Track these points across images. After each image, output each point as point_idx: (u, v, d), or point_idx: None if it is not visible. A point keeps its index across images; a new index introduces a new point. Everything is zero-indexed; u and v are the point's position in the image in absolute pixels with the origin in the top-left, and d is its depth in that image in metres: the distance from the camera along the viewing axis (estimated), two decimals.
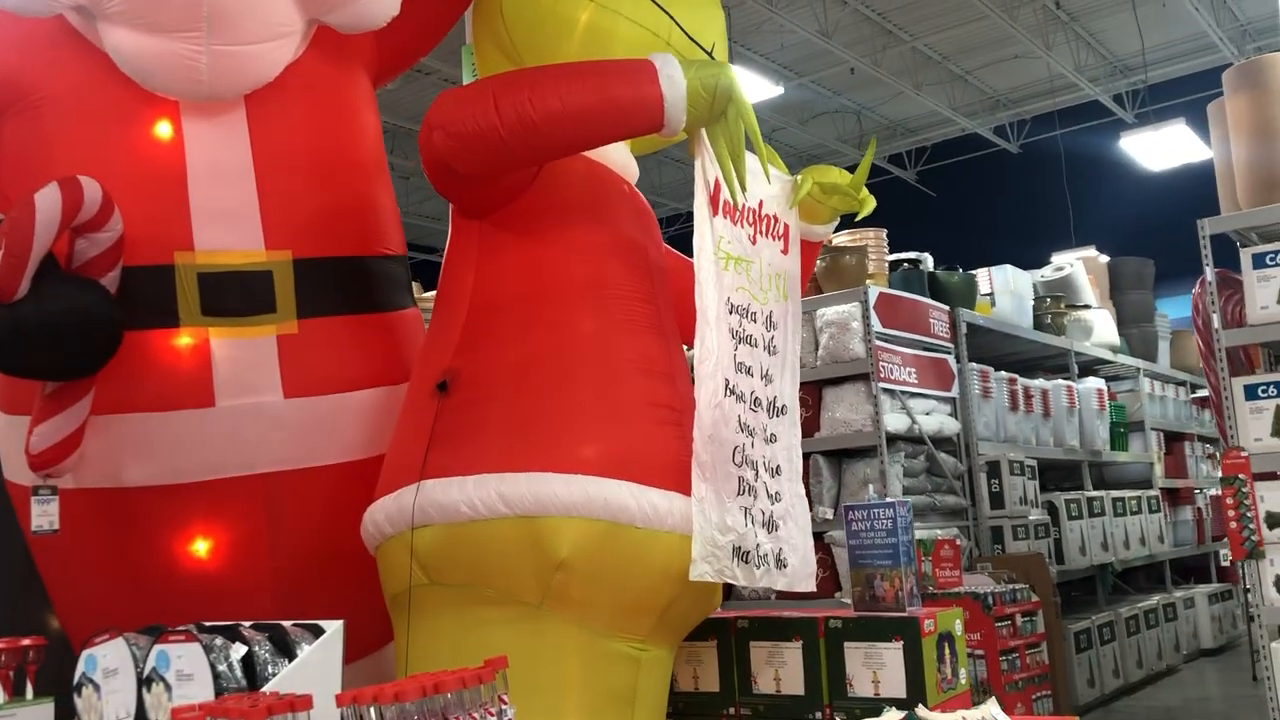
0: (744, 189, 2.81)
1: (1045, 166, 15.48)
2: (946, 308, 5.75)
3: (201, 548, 2.82)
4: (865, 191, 3.18)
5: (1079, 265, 8.32)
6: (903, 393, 5.09)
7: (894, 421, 4.99)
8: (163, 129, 2.77)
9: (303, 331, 2.87)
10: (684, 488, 2.65)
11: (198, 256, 2.76)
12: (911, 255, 6.20)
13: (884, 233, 5.89)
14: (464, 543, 2.55)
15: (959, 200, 16.11)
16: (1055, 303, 7.33)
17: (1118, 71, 14.43)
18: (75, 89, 2.77)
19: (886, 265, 5.88)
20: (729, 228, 2.85)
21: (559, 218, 2.93)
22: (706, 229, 2.77)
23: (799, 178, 3.11)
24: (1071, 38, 13.43)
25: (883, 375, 4.95)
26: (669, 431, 2.72)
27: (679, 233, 14.75)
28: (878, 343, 4.94)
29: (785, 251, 3.08)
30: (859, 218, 3.19)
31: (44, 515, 2.69)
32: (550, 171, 2.92)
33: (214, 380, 2.76)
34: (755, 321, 2.89)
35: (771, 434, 2.87)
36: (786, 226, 3.09)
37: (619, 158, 3.18)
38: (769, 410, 2.88)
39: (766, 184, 2.97)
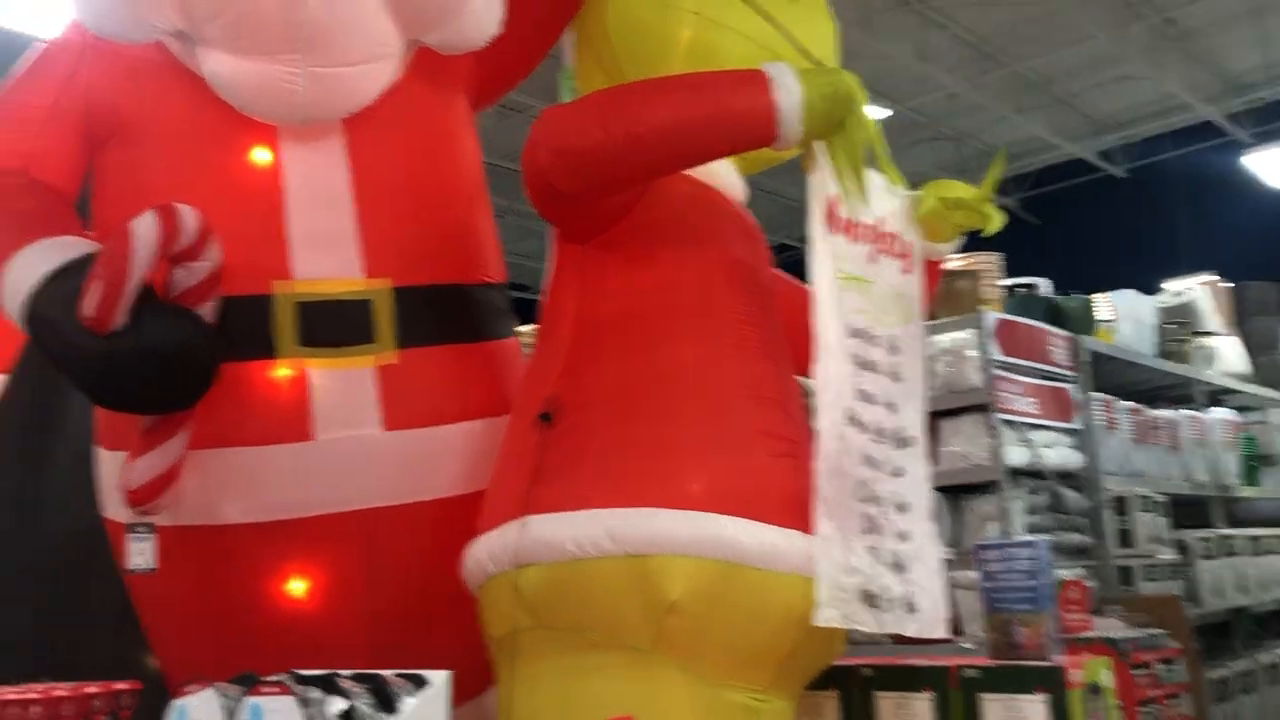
0: (864, 203, 2.64)
1: (1155, 190, 14.92)
2: (1067, 334, 5.46)
3: (297, 587, 2.72)
4: (991, 206, 2.97)
5: (1201, 290, 7.92)
6: (1023, 424, 4.81)
7: (1015, 455, 4.73)
8: (260, 155, 2.71)
9: (402, 362, 2.76)
10: (804, 525, 2.46)
11: (296, 285, 2.68)
12: (1026, 280, 5.93)
13: (997, 256, 5.64)
14: (570, 582, 2.40)
15: (1064, 227, 15.61)
16: (1180, 329, 6.95)
17: (1232, 89, 13.87)
18: (173, 117, 2.73)
19: (1001, 291, 5.62)
20: (847, 246, 2.67)
21: (664, 239, 2.79)
22: (824, 247, 2.60)
23: (920, 193, 2.93)
24: (1182, 56, 12.95)
25: (1002, 406, 4.69)
26: (786, 464, 2.54)
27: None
28: (997, 372, 4.69)
29: (907, 271, 2.89)
30: (985, 234, 2.98)
31: (140, 553, 2.62)
32: (655, 191, 2.78)
33: (312, 413, 2.66)
34: (877, 346, 2.70)
35: (897, 467, 2.67)
36: (908, 245, 2.90)
37: (726, 176, 3.03)
38: (894, 442, 2.68)
39: (886, 199, 2.79)
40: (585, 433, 2.54)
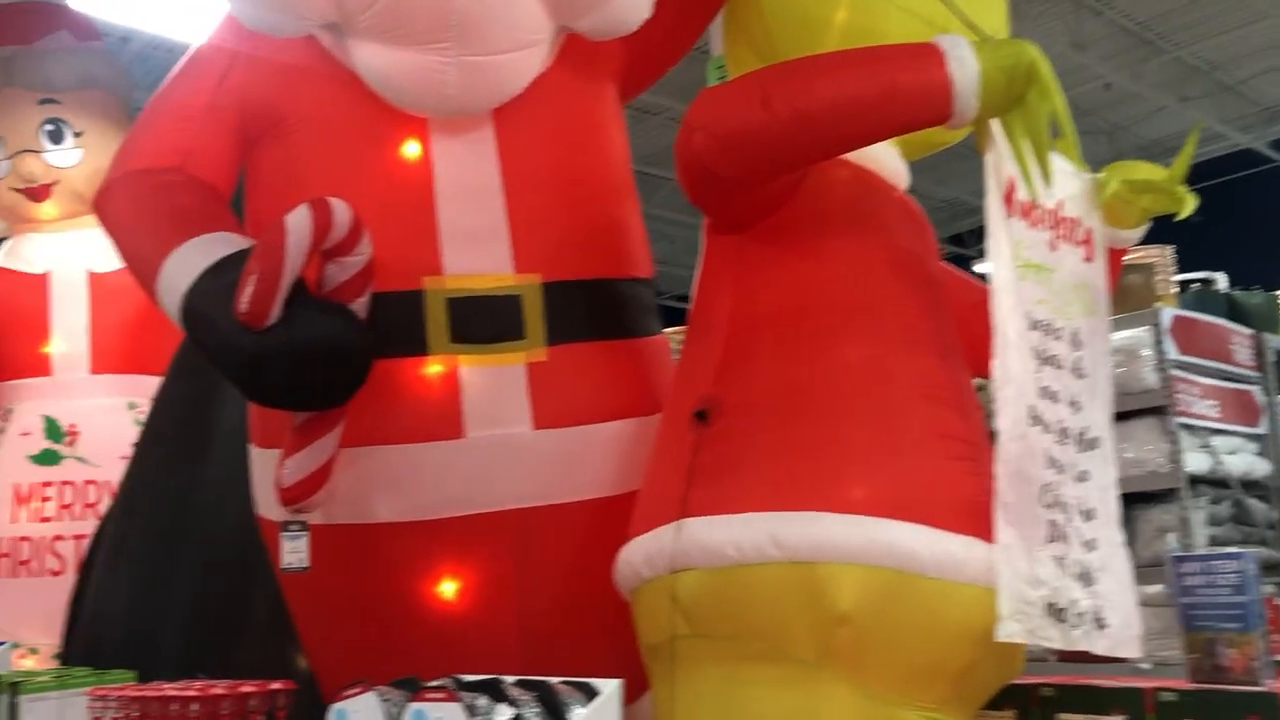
0: (1046, 185, 2.44)
1: None
2: (1250, 332, 5.07)
3: (448, 588, 2.66)
4: (1184, 189, 2.73)
5: None
6: (1203, 428, 4.47)
7: (1194, 461, 4.40)
8: (411, 148, 2.67)
9: (552, 359, 2.69)
10: (984, 533, 2.28)
11: (447, 281, 2.63)
12: (1202, 275, 5.54)
13: (1170, 250, 5.28)
14: (731, 589, 2.27)
15: (1232, 221, 14.70)
16: None
17: None
18: (325, 113, 2.72)
19: (1174, 286, 5.26)
20: (1026, 231, 2.48)
21: (826, 228, 2.64)
22: (1002, 232, 2.41)
23: (1103, 175, 2.70)
24: None
25: (1180, 409, 4.37)
26: (963, 467, 2.36)
27: None
28: (1174, 372, 4.37)
29: (1089, 259, 2.67)
30: (1178, 219, 2.74)
31: (294, 552, 2.60)
32: (814, 178, 2.64)
33: (463, 411, 2.61)
34: (1059, 339, 2.49)
35: (1082, 471, 2.46)
36: (1089, 231, 2.68)
37: (890, 162, 2.86)
38: (1078, 443, 2.47)
39: (1066, 181, 2.58)
40: (745, 433, 2.40)
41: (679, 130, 2.44)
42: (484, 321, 2.63)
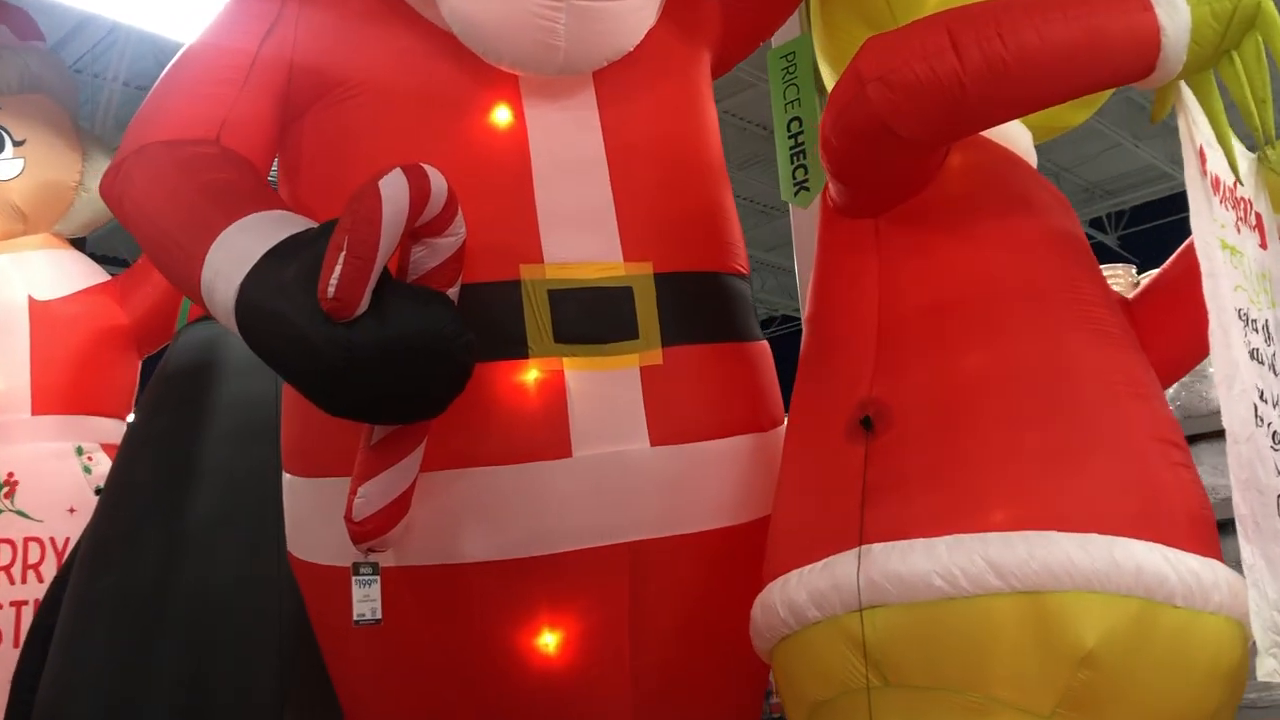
0: (1234, 157, 2.15)
1: None
2: None
3: (549, 641, 2.20)
4: None
5: None
6: None
7: None
8: (500, 115, 2.25)
9: (667, 363, 2.27)
10: (1214, 552, 1.95)
11: (547, 270, 2.20)
12: None
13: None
14: (936, 628, 1.87)
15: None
16: None
17: None
18: (394, 72, 2.28)
19: None
20: (1220, 209, 2.17)
21: (976, 209, 2.30)
22: (1205, 206, 2.10)
23: (1272, 154, 2.42)
24: None
25: None
26: (1185, 475, 2.02)
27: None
28: None
29: (1264, 246, 2.37)
30: None
31: (366, 600, 2.11)
32: (956, 154, 2.31)
33: (570, 424, 2.17)
34: (1258, 332, 2.18)
35: None
36: (1259, 215, 2.39)
37: (1022, 141, 2.54)
38: None
39: (1240, 157, 2.29)
40: (930, 440, 2.02)
41: (842, 83, 2.08)
42: (593, 317, 2.21)
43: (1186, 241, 2.57)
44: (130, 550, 3.30)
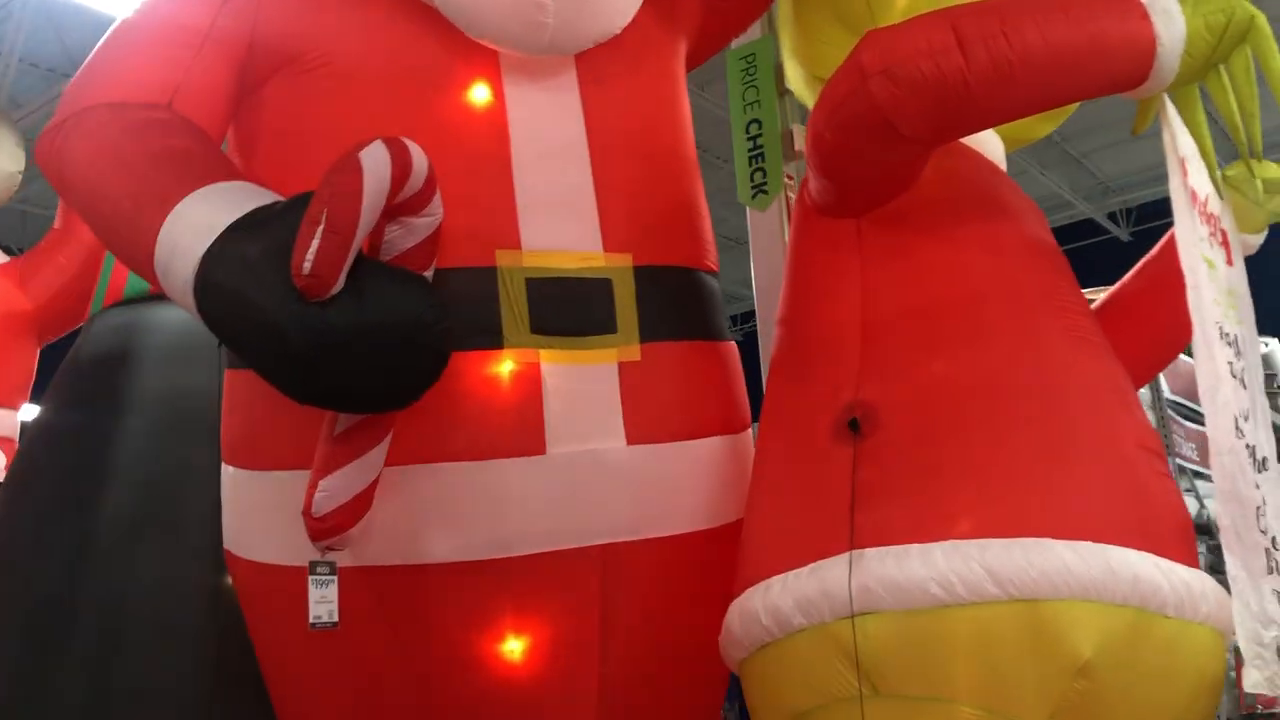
0: (1214, 170, 2.17)
1: None
2: None
3: (514, 648, 2.09)
4: None
5: None
6: (1190, 471, 4.35)
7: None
8: (478, 93, 2.14)
9: (645, 359, 2.19)
10: (1196, 562, 1.94)
11: (525, 257, 2.10)
12: None
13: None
14: (931, 637, 1.82)
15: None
16: None
17: None
18: (366, 43, 2.15)
19: None
20: (1199, 222, 2.18)
21: (956, 213, 2.28)
22: (1188, 219, 2.11)
23: (1232, 171, 2.45)
24: None
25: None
26: (1169, 485, 2.02)
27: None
28: (1168, 412, 4.23)
29: (1230, 263, 2.40)
30: None
31: (323, 602, 1.97)
32: (936, 157, 2.28)
33: (545, 419, 2.07)
34: (1229, 345, 2.20)
35: (1264, 494, 2.15)
36: (1224, 232, 2.42)
37: (996, 149, 2.54)
38: (1255, 463, 2.17)
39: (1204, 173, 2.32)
40: (920, 443, 1.98)
41: (841, 76, 2.02)
42: (571, 309, 2.11)
43: (1146, 256, 2.60)
44: (32, 556, 3.05)
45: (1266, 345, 7.41)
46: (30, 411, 4.47)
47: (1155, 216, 13.35)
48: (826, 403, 2.11)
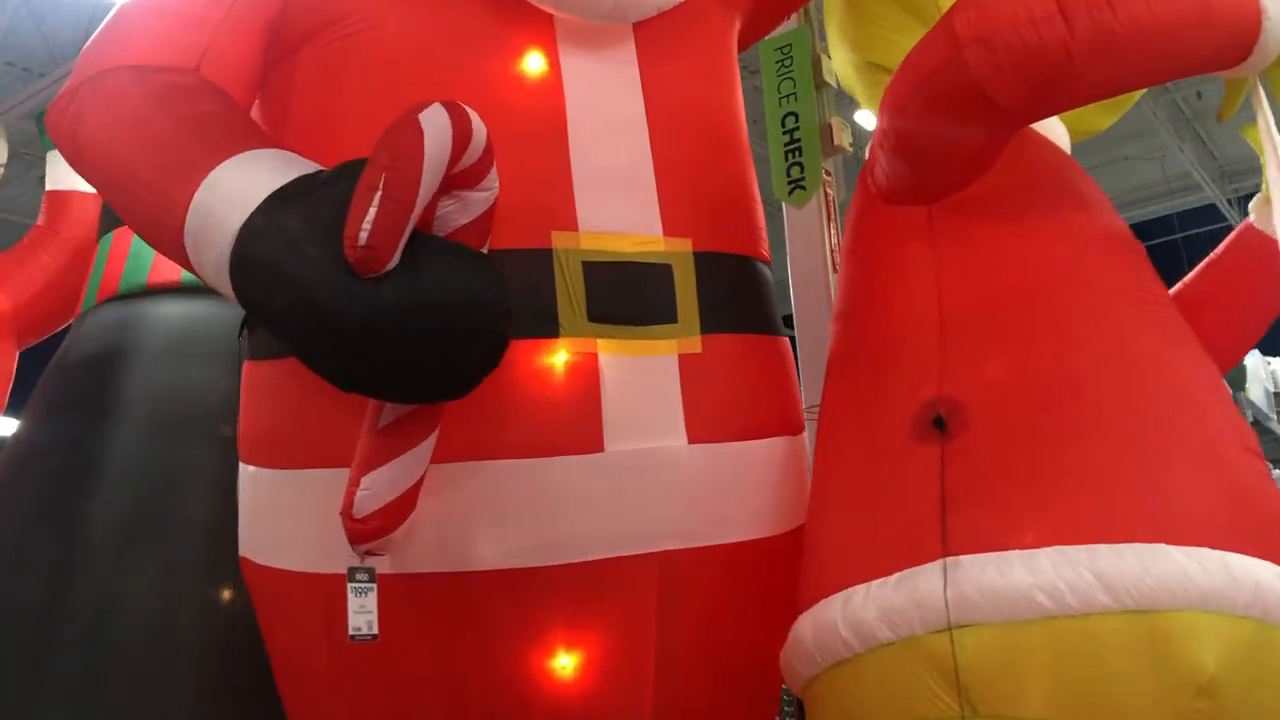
0: None
1: None
2: None
3: (565, 664, 1.92)
4: None
5: None
6: None
7: None
8: (533, 61, 1.98)
9: (706, 351, 2.03)
10: None
11: (582, 239, 1.94)
12: None
13: None
14: (1035, 651, 1.67)
15: None
16: None
17: None
18: (412, 6, 1.99)
19: None
20: None
21: (1035, 201, 2.17)
22: None
23: None
24: None
25: None
26: (1272, 488, 1.88)
27: None
28: None
29: None
30: None
31: (362, 612, 1.79)
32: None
33: (603, 414, 1.90)
34: None
35: None
36: None
37: (1064, 139, 2.42)
38: None
39: None
40: (1012, 441, 1.84)
41: (929, 46, 1.89)
42: (630, 296, 1.96)
43: (1215, 252, 2.48)
44: (17, 561, 2.83)
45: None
46: (3, 422, 4.24)
47: None
48: (904, 400, 1.96)
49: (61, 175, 4.07)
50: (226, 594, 2.66)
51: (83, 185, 4.05)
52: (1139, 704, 1.63)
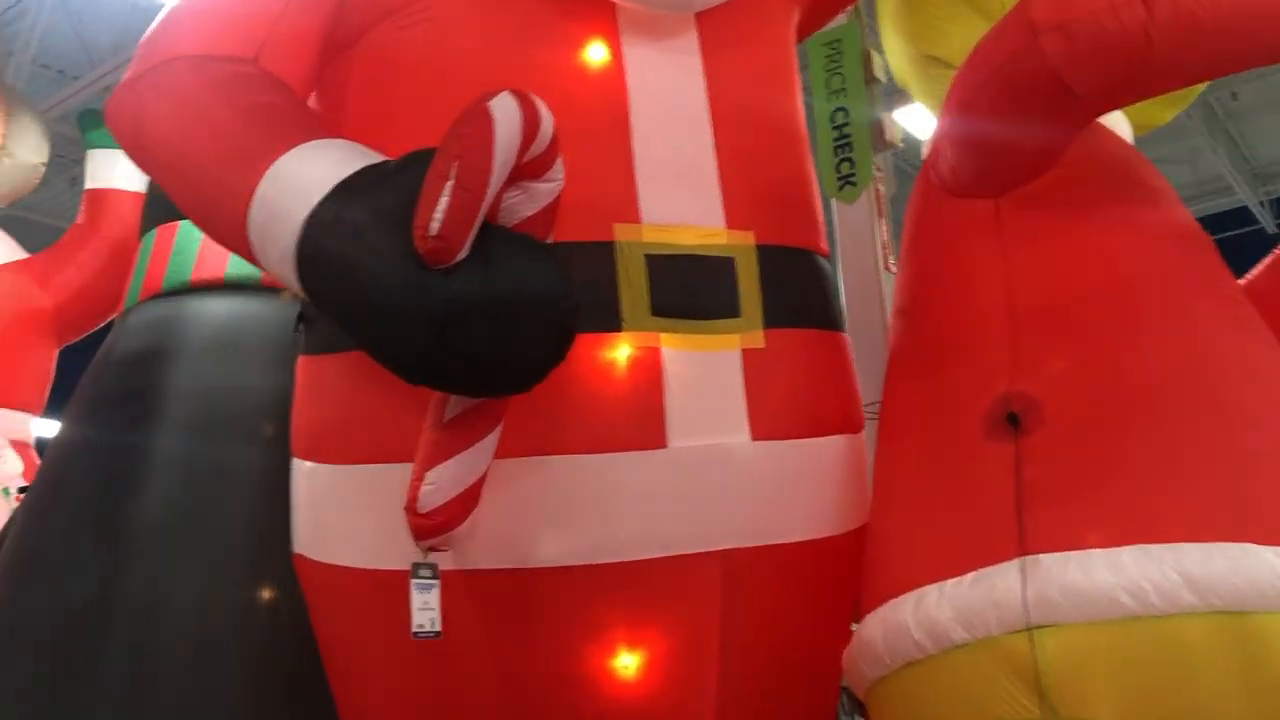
0: None
1: None
2: None
3: (628, 663, 1.88)
4: None
5: None
6: None
7: None
8: (595, 51, 1.96)
9: (769, 346, 1.99)
10: None
11: (644, 231, 1.91)
12: None
13: None
14: (1119, 652, 1.62)
15: None
16: None
17: None
18: (471, 2, 1.97)
19: None
20: None
21: (1104, 195, 2.12)
22: None
23: None
24: None
25: None
26: None
27: None
28: None
29: None
30: None
31: (425, 609, 1.76)
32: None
33: (665, 410, 1.87)
34: None
35: None
36: None
37: (1128, 133, 2.38)
38: None
39: None
40: (1089, 438, 1.79)
41: (1003, 33, 1.85)
42: (693, 289, 1.92)
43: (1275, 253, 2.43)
44: (63, 562, 2.81)
45: None
46: (43, 422, 4.25)
47: None
48: (975, 396, 1.92)
49: (101, 173, 4.08)
50: (270, 594, 2.63)
51: (122, 183, 4.06)
52: (1226, 707, 1.58)
